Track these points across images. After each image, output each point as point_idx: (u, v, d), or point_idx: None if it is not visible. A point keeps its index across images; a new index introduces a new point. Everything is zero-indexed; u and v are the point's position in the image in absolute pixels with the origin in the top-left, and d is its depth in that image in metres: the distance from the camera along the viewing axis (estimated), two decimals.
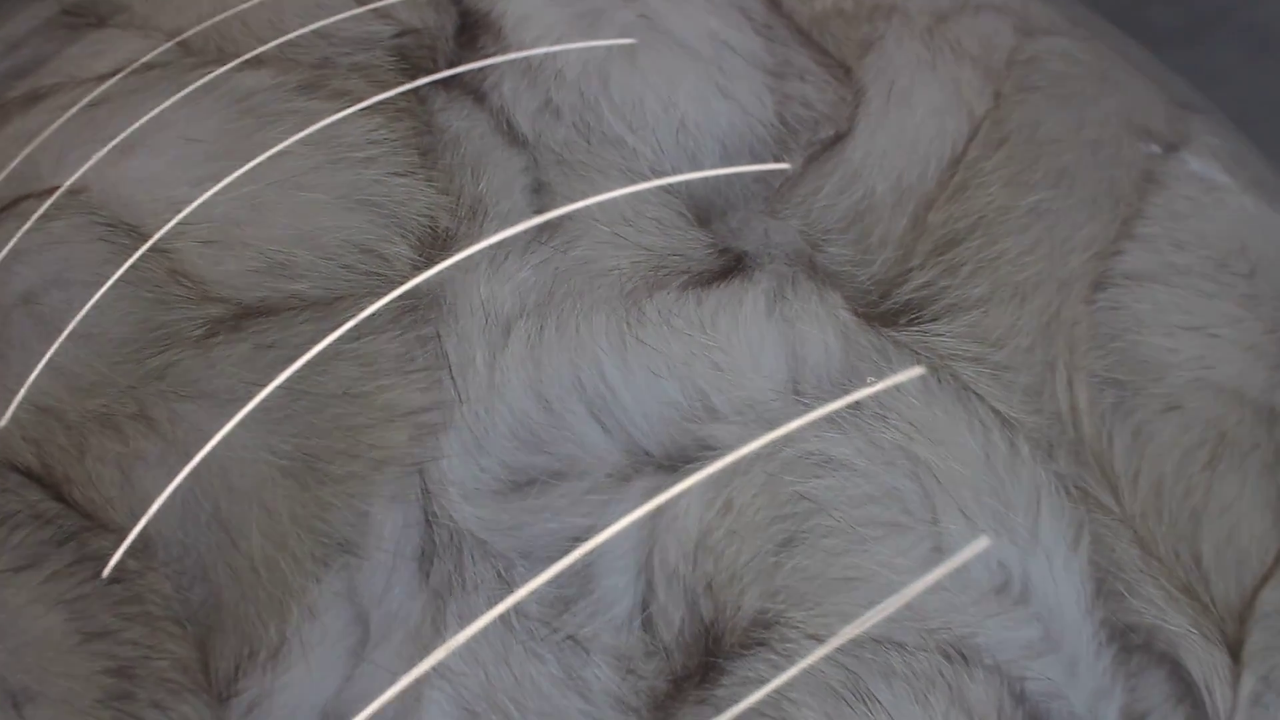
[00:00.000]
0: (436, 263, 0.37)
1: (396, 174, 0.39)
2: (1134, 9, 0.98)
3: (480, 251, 0.38)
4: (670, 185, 0.40)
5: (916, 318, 0.38)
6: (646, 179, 0.40)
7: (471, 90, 0.41)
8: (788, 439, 0.35)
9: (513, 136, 0.40)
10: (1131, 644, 0.36)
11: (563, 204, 0.39)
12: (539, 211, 0.39)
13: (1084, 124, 0.43)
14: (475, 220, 0.39)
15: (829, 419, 0.36)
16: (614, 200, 0.39)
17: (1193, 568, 0.37)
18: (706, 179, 0.40)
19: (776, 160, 0.41)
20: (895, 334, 0.38)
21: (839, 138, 0.41)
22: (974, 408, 0.37)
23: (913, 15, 0.45)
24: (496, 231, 0.38)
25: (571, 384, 0.36)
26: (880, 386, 0.36)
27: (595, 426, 0.35)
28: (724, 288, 0.37)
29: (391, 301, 0.37)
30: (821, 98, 0.42)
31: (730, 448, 0.35)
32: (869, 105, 0.42)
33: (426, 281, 0.37)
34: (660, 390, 0.36)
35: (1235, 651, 0.37)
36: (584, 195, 0.39)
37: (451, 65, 0.42)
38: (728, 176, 0.40)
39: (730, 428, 0.35)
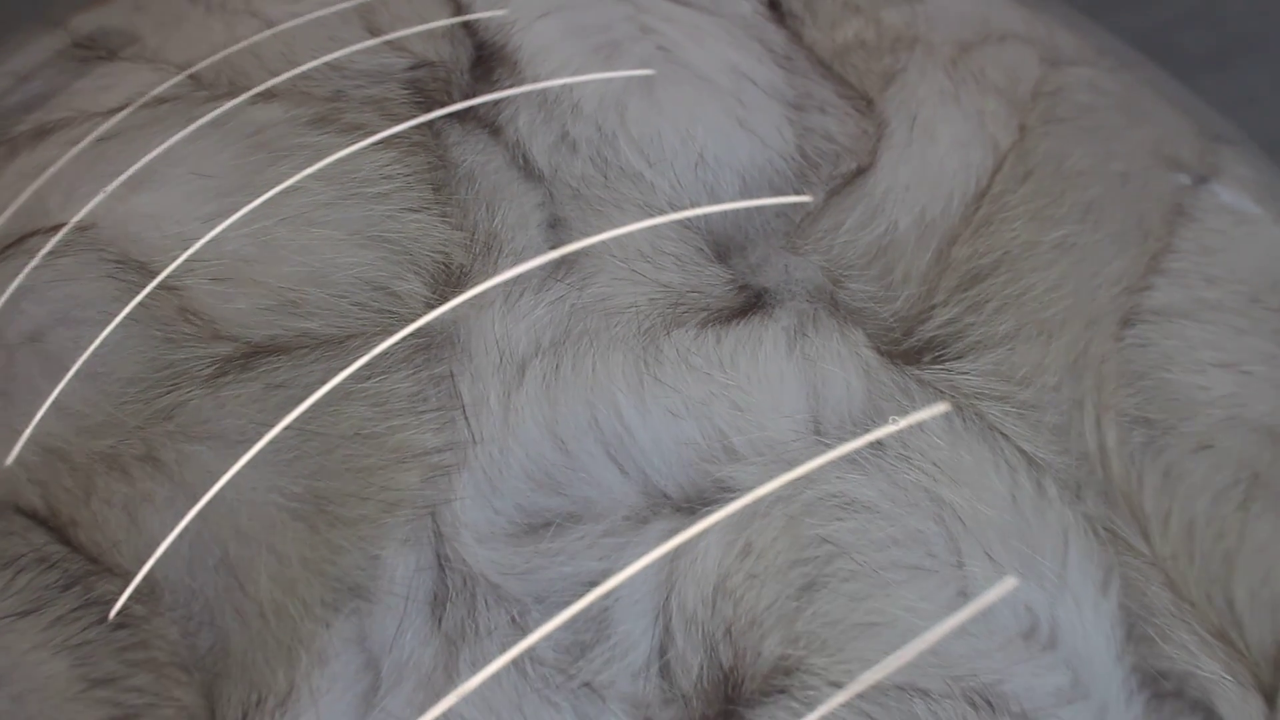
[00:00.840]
0: (450, 300, 0.37)
1: (410, 209, 0.39)
2: (1164, 34, 0.97)
3: (495, 288, 0.38)
4: (689, 220, 0.40)
5: (940, 355, 0.38)
6: (664, 214, 0.40)
7: (487, 124, 0.41)
8: (808, 480, 0.35)
9: (528, 171, 0.40)
10: (1163, 691, 0.35)
11: (579, 240, 0.39)
12: (555, 247, 0.39)
13: (1111, 156, 0.43)
14: (490, 256, 0.38)
15: (851, 460, 0.35)
16: (631, 236, 0.39)
17: (1226, 612, 0.37)
18: (726, 214, 0.40)
19: (797, 194, 0.41)
20: (919, 372, 0.37)
21: (861, 171, 0.41)
22: (1000, 448, 0.36)
23: (936, 46, 0.45)
24: (511, 268, 0.38)
25: (587, 424, 0.36)
26: (903, 426, 0.36)
27: (612, 468, 0.35)
28: (743, 325, 0.37)
29: (404, 340, 0.37)
30: (843, 130, 0.42)
31: (750, 489, 0.35)
32: (891, 138, 0.42)
33: (439, 319, 0.37)
34: (678, 430, 0.36)
35: (1270, 698, 0.36)
36: (601, 231, 0.39)
37: (466, 98, 0.42)
38: (748, 211, 0.40)
39: (750, 469, 0.35)
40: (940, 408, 0.37)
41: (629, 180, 0.40)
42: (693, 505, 0.35)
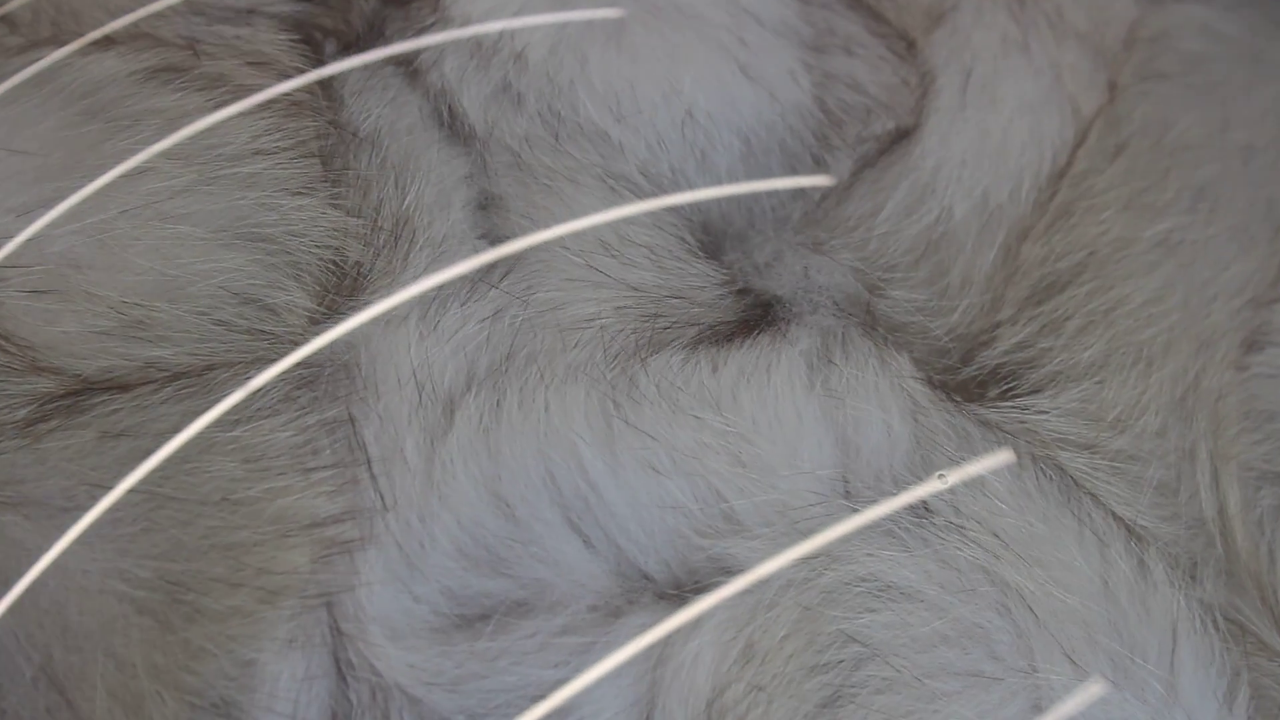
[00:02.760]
0: (345, 315, 0.37)
1: (291, 192, 0.39)
2: None
3: (408, 299, 0.38)
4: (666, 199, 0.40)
5: (1010, 389, 0.38)
6: (633, 184, 0.40)
7: (402, 63, 0.42)
8: (831, 559, 0.35)
9: (454, 128, 0.40)
10: None
11: (519, 224, 0.39)
12: (487, 236, 0.39)
13: (1231, 123, 0.43)
14: (398, 250, 0.38)
15: (887, 531, 0.36)
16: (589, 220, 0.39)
17: None
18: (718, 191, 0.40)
19: (816, 162, 0.41)
20: (982, 411, 0.38)
21: (902, 135, 0.41)
22: (1086, 513, 0.37)
23: None
24: (429, 265, 0.38)
25: (541, 481, 0.36)
26: (954, 482, 0.36)
27: (574, 539, 0.35)
28: (748, 348, 0.37)
29: (285, 372, 0.37)
30: (876, 79, 0.42)
31: (754, 570, 0.35)
32: (939, 97, 0.42)
33: (332, 342, 0.37)
34: (661, 491, 0.35)
35: None
36: (548, 212, 0.39)
37: (367, 44, 0.42)
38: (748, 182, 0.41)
39: (754, 544, 0.35)
40: (1002, 457, 0.37)
41: (588, 141, 0.40)
42: (681, 591, 0.35)
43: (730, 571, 0.35)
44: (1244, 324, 0.40)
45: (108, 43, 0.42)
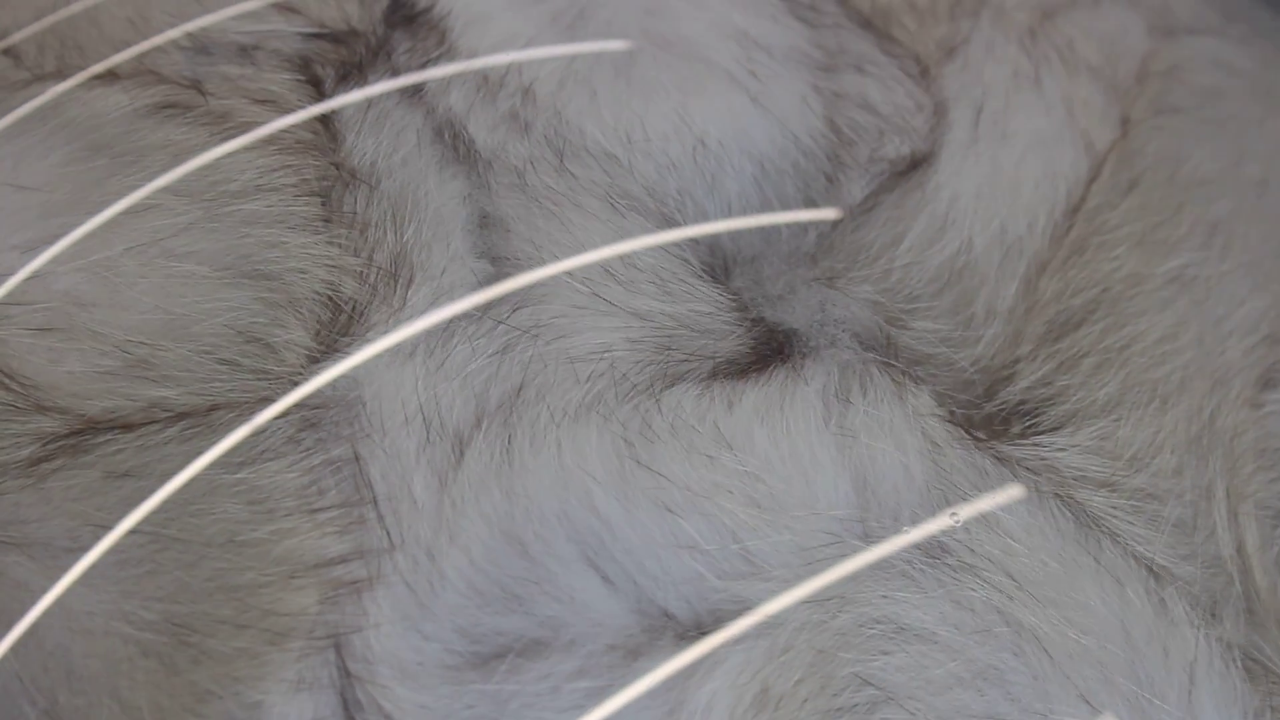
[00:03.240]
0: (342, 352, 0.37)
1: (295, 229, 0.39)
2: None
3: (411, 334, 0.37)
4: (671, 218, 0.40)
5: (1032, 425, 0.38)
6: (639, 203, 0.40)
7: (408, 93, 0.42)
8: (845, 601, 0.35)
9: (456, 150, 0.40)
10: None
11: (520, 246, 0.39)
12: (486, 255, 0.38)
13: (1245, 157, 0.43)
14: (397, 282, 0.38)
15: (902, 572, 0.35)
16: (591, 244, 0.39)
17: None
18: (726, 216, 0.40)
19: (829, 182, 0.41)
20: (1005, 448, 0.37)
21: (917, 162, 0.41)
22: (1104, 551, 0.36)
23: (1009, 10, 0.45)
24: (430, 297, 0.38)
25: (555, 519, 0.35)
26: (967, 519, 0.36)
27: (592, 576, 0.35)
28: (763, 385, 0.37)
29: (288, 412, 0.36)
30: (888, 99, 0.42)
31: (769, 612, 0.35)
32: (952, 130, 0.42)
33: (335, 380, 0.37)
34: (676, 531, 0.35)
35: None
36: (549, 234, 0.39)
37: (373, 75, 0.42)
38: (759, 208, 0.40)
39: (768, 585, 0.35)
40: (1015, 494, 0.37)
41: (594, 160, 0.40)
42: (699, 632, 0.35)
43: (744, 613, 0.35)
44: (1258, 361, 0.40)
45: (112, 78, 0.42)
